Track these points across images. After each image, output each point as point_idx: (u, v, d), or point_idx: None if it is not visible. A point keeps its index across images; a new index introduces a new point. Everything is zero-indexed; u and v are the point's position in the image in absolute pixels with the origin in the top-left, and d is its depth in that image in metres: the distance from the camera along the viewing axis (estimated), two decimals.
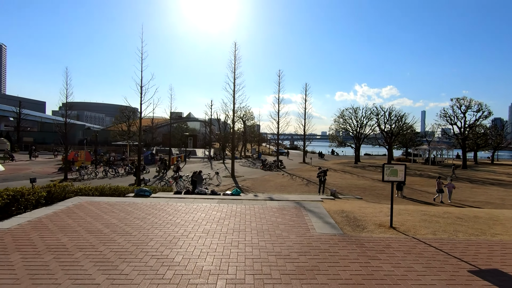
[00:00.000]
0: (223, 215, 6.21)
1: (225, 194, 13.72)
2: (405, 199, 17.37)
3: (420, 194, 19.09)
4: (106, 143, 59.72)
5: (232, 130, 26.86)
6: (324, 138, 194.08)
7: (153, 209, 6.70)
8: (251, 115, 56.93)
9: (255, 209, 6.84)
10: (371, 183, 23.30)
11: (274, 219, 5.96)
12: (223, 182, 23.16)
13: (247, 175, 27.86)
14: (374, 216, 6.58)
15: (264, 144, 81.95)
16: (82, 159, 32.20)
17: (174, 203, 7.38)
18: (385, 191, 19.87)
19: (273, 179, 25.31)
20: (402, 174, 5.55)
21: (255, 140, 63.16)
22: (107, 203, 7.13)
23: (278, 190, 19.87)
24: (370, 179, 26.05)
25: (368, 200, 16.35)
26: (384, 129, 39.28)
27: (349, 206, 8.30)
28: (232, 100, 26.21)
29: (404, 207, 9.09)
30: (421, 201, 16.59)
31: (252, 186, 21.29)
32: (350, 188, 20.86)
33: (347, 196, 17.16)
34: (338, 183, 23.42)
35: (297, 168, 35.07)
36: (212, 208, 6.87)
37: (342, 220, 6.07)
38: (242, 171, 31.07)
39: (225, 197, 11.45)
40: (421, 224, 5.94)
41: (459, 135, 36.06)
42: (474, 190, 21.01)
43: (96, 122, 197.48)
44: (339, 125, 43.75)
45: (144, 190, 10.96)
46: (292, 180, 24.86)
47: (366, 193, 18.96)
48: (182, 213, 6.36)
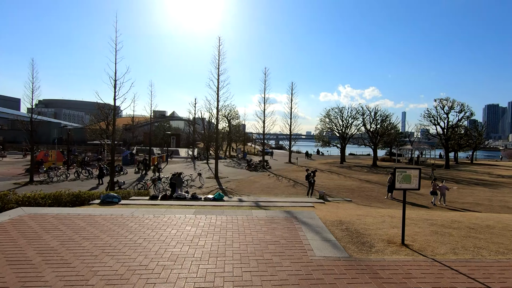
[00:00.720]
0: (199, 232, 5.03)
1: (206, 198, 12.49)
2: (395, 201, 16.80)
3: (410, 195, 18.59)
4: (83, 142, 56.59)
5: (216, 129, 25.56)
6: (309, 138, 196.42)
7: (113, 223, 5.42)
8: (236, 114, 55.69)
9: (239, 221, 5.71)
10: (359, 184, 22.73)
11: (262, 235, 4.85)
12: (206, 183, 21.85)
13: (231, 176, 26.66)
14: (378, 229, 5.63)
15: (249, 143, 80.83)
16: (53, 159, 29.83)
17: (141, 214, 6.11)
18: (374, 192, 19.29)
19: (258, 180, 24.25)
20: (416, 181, 4.60)
21: (240, 139, 61.92)
22: (56, 216, 5.78)
23: (264, 192, 18.84)
24: (357, 179, 25.55)
25: (358, 202, 15.61)
26: (369, 129, 39.17)
27: (345, 214, 7.34)
28: (216, 97, 24.94)
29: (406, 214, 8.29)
30: (413, 203, 16.03)
31: (237, 188, 20.13)
32: (338, 190, 20.15)
33: (337, 199, 16.37)
34: (326, 184, 22.70)
35: (283, 169, 34.21)
36: (187, 221, 5.67)
37: (343, 236, 5.06)
38: (227, 172, 29.82)
39: (206, 203, 10.25)
40: (434, 239, 5.03)
41: (442, 136, 36.46)
42: (461, 191, 20.85)
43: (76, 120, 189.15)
44: (325, 124, 43.35)
45: (112, 196, 9.56)
46: (278, 181, 23.90)
47: (355, 195, 18.27)
48: (147, 229, 5.13)
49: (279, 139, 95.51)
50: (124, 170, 26.53)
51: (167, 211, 6.45)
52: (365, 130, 40.22)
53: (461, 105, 35.09)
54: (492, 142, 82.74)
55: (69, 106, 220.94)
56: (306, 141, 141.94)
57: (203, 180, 22.07)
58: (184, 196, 12.50)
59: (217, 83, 24.82)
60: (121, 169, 26.29)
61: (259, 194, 17.98)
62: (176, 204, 9.34)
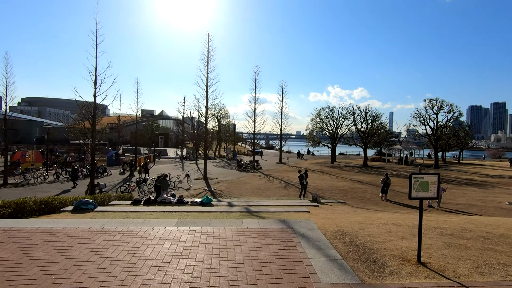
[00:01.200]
0: (180, 250, 4.22)
1: (193, 202, 11.63)
2: (389, 202, 16.38)
3: (403, 196, 18.26)
4: (66, 142, 54.36)
5: (205, 128, 24.63)
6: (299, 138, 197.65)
7: (76, 240, 4.54)
8: (226, 113, 54.75)
9: (227, 234, 4.93)
10: (351, 185, 22.30)
11: (255, 254, 4.09)
12: (195, 185, 20.92)
13: (221, 176, 25.79)
14: (385, 241, 4.97)
15: (239, 143, 79.94)
16: (31, 160, 28.16)
17: (113, 227, 5.24)
18: (367, 194, 18.86)
19: (249, 181, 23.49)
20: (435, 188, 3.94)
21: (230, 139, 60.97)
22: (9, 231, 4.84)
23: (255, 194, 18.10)
24: (349, 180, 25.15)
25: (353, 204, 15.07)
26: (360, 128, 39.03)
27: (344, 222, 6.68)
28: (205, 95, 23.99)
29: (406, 218, 7.67)
30: (407, 205, 15.62)
31: (227, 190, 19.31)
32: (331, 191, 19.63)
33: (330, 201, 15.80)
34: (318, 185, 22.16)
35: (274, 169, 33.56)
36: (167, 235, 4.85)
37: (349, 252, 4.36)
38: (216, 172, 28.92)
39: (192, 209, 9.40)
40: (451, 254, 4.41)
41: (432, 136, 36.67)
42: (453, 191, 20.67)
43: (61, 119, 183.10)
44: (316, 124, 43.00)
45: (86, 203, 8.59)
46: (269, 182, 23.21)
47: (348, 196, 17.77)
48: (117, 248, 4.28)
49: (270, 139, 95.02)
50: (108, 171, 25.24)
51: (145, 223, 5.60)
52: (355, 130, 40.08)
53: (450, 105, 35.37)
54: (476, 142, 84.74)
55: (54, 105, 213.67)
56: (296, 141, 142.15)
57: (191, 181, 21.14)
58: (170, 200, 11.60)
59: (206, 81, 23.91)
60: (105, 170, 25.00)
61: (250, 196, 17.23)
62: (159, 211, 8.47)
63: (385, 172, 18.42)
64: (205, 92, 23.96)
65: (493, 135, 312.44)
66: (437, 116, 36.19)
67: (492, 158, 65.70)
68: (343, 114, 41.16)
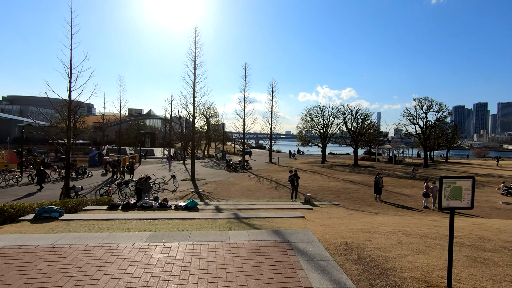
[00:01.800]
0: (145, 278, 3.27)
1: (177, 206, 10.61)
2: (384, 203, 15.81)
3: (396, 197, 17.77)
4: (47, 141, 51.85)
5: (192, 127, 23.52)
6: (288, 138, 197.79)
7: (12, 265, 3.51)
8: (215, 112, 53.47)
9: (210, 253, 4.01)
10: (343, 185, 21.71)
11: (243, 282, 3.19)
12: (181, 186, 19.81)
13: (209, 177, 24.74)
14: (400, 256, 4.17)
15: (229, 143, 78.79)
16: (4, 160, 26.29)
17: (67, 245, 4.22)
18: (360, 194, 18.26)
19: (238, 182, 22.56)
20: (469, 196, 3.15)
21: (219, 138, 59.77)
22: None
23: (245, 195, 17.19)
24: (341, 180, 24.60)
25: (347, 206, 14.39)
26: (351, 128, 38.70)
27: (345, 229, 5.88)
28: (193, 93, 22.87)
29: (410, 223, 6.94)
30: (401, 206, 15.08)
31: (215, 192, 18.32)
32: (323, 192, 18.94)
33: (323, 202, 15.08)
34: (309, 185, 21.47)
35: (264, 169, 32.73)
36: (133, 255, 3.87)
37: (360, 273, 3.52)
38: (205, 173, 27.84)
39: (173, 215, 8.39)
40: (481, 273, 3.64)
41: (421, 135, 36.70)
42: None
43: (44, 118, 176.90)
44: (307, 123, 42.45)
45: (50, 210, 7.46)
46: (259, 182, 22.34)
47: (341, 197, 17.11)
48: (63, 276, 3.28)
49: (259, 139, 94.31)
50: (89, 173, 23.74)
51: (109, 237, 4.60)
52: (346, 129, 39.73)
53: (439, 104, 35.47)
54: (464, 141, 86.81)
55: (38, 103, 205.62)
56: (286, 141, 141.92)
57: (177, 182, 20.01)
58: (151, 204, 10.53)
59: (193, 77, 22.79)
60: (85, 171, 23.50)
61: (239, 198, 16.32)
62: (135, 219, 7.43)
63: (377, 172, 17.88)
64: (192, 89, 22.85)
65: (476, 134, 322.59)
66: (427, 115, 36.24)
67: (476, 157, 67.06)
68: (334, 114, 40.78)
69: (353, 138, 38.60)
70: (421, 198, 17.52)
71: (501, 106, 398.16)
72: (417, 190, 20.14)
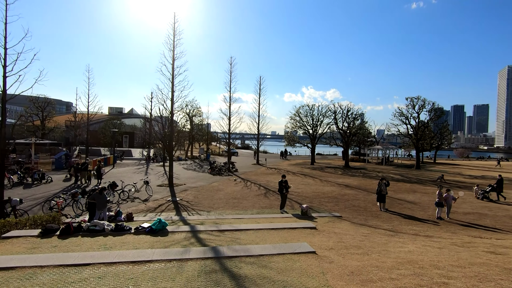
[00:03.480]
0: None
1: (138, 230, 8.01)
2: (390, 213, 13.80)
3: (401, 204, 15.85)
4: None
5: (170, 125, 20.76)
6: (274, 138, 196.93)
7: None
8: (199, 111, 50.43)
9: None
10: (339, 190, 19.65)
11: None
12: (156, 193, 17.07)
13: (191, 182, 22.06)
14: None
15: (214, 143, 75.82)
16: None
17: None
18: (360, 202, 16.22)
19: (223, 187, 20.03)
20: None
21: (203, 138, 56.77)
22: None
23: (230, 205, 14.71)
24: (335, 184, 22.57)
25: (351, 219, 12.23)
26: (342, 127, 36.98)
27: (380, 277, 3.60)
28: (171, 86, 20.11)
29: (464, 258, 4.76)
30: (410, 217, 13.07)
31: (195, 200, 15.73)
32: (319, 199, 16.77)
33: (322, 214, 12.85)
34: (303, 190, 19.27)
35: (251, 171, 30.32)
36: None
37: None
38: (186, 177, 25.10)
39: (124, 252, 5.83)
40: None
41: (413, 135, 35.49)
42: None
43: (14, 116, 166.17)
44: (295, 122, 40.41)
45: None
46: (247, 188, 19.90)
47: (340, 206, 14.98)
48: None
49: (245, 139, 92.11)
50: (48, 177, 20.41)
51: None
52: (336, 129, 37.99)
53: (432, 104, 34.35)
54: (454, 141, 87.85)
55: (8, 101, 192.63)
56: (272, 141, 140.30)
57: (151, 190, 17.24)
58: (103, 226, 7.86)
59: (171, 69, 20.03)
60: (43, 176, 20.16)
61: (223, 209, 13.82)
62: (54, 265, 4.81)
63: (381, 177, 15.87)
64: (170, 82, 20.09)
65: (454, 135, 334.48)
66: (419, 115, 35.05)
67: (459, 157, 67.57)
68: (323, 113, 38.95)
69: (344, 139, 36.91)
70: (427, 205, 15.72)
71: (476, 108, 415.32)
72: (420, 196, 18.39)
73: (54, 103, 45.42)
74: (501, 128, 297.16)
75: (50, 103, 46.96)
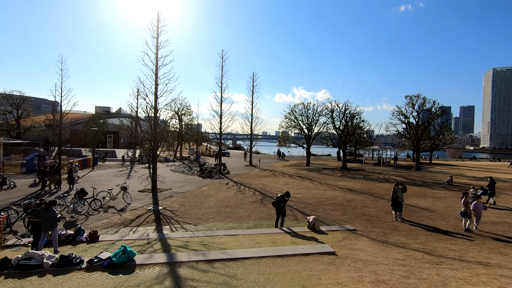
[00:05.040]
0: None
1: (93, 262, 5.71)
2: (407, 223, 11.89)
3: (416, 212, 13.97)
4: None
5: (154, 121, 18.35)
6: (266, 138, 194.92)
7: None
8: (188, 109, 47.86)
9: None
10: (343, 195, 17.70)
11: None
12: (135, 201, 14.68)
13: (178, 186, 19.71)
14: None
15: (205, 143, 73.23)
16: None
17: None
18: (371, 209, 14.27)
19: (214, 192, 17.78)
20: None
21: (193, 138, 54.20)
22: None
23: (222, 215, 12.49)
24: (337, 187, 20.64)
25: (367, 233, 10.22)
26: (339, 126, 35.21)
27: None
28: (154, 78, 17.72)
29: None
30: (433, 228, 11.16)
31: (181, 209, 13.44)
32: (323, 206, 14.74)
33: (333, 228, 10.79)
34: (303, 196, 17.21)
35: (244, 173, 28.15)
36: None
37: None
38: (172, 180, 22.73)
39: None
40: None
41: (413, 135, 34.02)
42: None
43: None
44: (290, 122, 38.44)
45: None
46: (240, 193, 17.71)
47: (349, 215, 12.97)
48: None
49: (237, 139, 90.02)
50: (10, 183, 17.67)
51: None
52: (333, 128, 36.21)
53: (432, 102, 32.98)
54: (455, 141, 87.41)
55: None
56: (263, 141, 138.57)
57: (129, 197, 14.84)
58: (41, 259, 5.53)
59: (155, 59, 17.65)
60: (4, 181, 17.44)
61: (213, 221, 11.61)
62: None
63: (396, 181, 13.84)
64: (154, 74, 17.71)
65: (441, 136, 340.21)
66: (419, 114, 33.62)
67: (451, 158, 67.10)
68: (319, 111, 37.10)
69: (341, 138, 35.15)
70: (445, 213, 13.92)
71: (462, 110, 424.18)
72: (433, 201, 16.60)
73: (30, 100, 42.10)
74: (487, 129, 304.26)
75: (27, 100, 43.55)
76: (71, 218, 11.77)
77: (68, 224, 10.70)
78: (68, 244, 7.99)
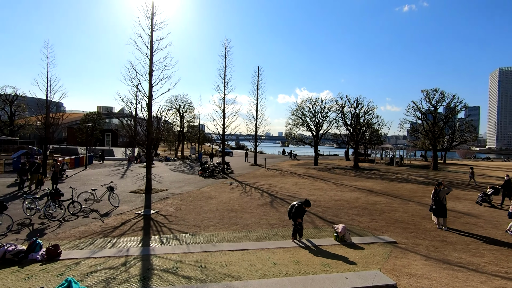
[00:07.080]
0: None
1: None
2: (453, 232, 9.60)
3: (457, 218, 11.63)
4: None
5: (148, 113, 16.17)
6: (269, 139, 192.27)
7: None
8: (190, 107, 45.73)
9: None
10: (364, 197, 15.39)
11: None
12: (124, 204, 12.49)
13: (175, 186, 17.54)
14: None
15: (208, 144, 71.21)
16: None
17: None
18: (401, 214, 11.92)
19: (216, 194, 15.57)
20: None
21: (195, 137, 52.09)
22: None
23: (226, 223, 10.25)
24: (354, 188, 18.34)
25: (413, 247, 7.93)
26: (350, 123, 32.85)
27: None
28: (149, 64, 15.56)
29: None
30: (490, 240, 8.83)
31: (176, 214, 11.23)
32: (344, 210, 12.45)
33: (367, 240, 8.51)
34: (318, 198, 14.92)
35: (249, 173, 25.92)
36: None
37: None
38: (170, 180, 20.54)
39: None
40: None
41: (430, 133, 31.56)
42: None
43: None
44: (298, 119, 36.14)
45: None
46: (246, 195, 15.46)
47: (379, 221, 10.68)
48: None
49: (240, 140, 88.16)
50: None
51: None
52: (344, 125, 33.84)
53: (452, 96, 30.51)
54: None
55: None
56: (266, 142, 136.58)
57: (117, 199, 12.64)
58: None
59: (149, 42, 15.48)
60: None
61: (215, 229, 9.38)
62: None
63: (437, 181, 11.47)
64: (148, 59, 15.55)
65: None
66: (436, 109, 31.17)
67: (462, 158, 64.36)
68: (328, 107, 34.76)
69: (353, 136, 32.79)
70: (492, 218, 11.62)
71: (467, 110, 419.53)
72: (470, 205, 14.22)
73: (24, 97, 40.17)
74: (493, 130, 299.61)
75: (22, 97, 41.62)
76: (40, 225, 9.60)
77: (32, 234, 8.52)
78: (15, 264, 5.81)
